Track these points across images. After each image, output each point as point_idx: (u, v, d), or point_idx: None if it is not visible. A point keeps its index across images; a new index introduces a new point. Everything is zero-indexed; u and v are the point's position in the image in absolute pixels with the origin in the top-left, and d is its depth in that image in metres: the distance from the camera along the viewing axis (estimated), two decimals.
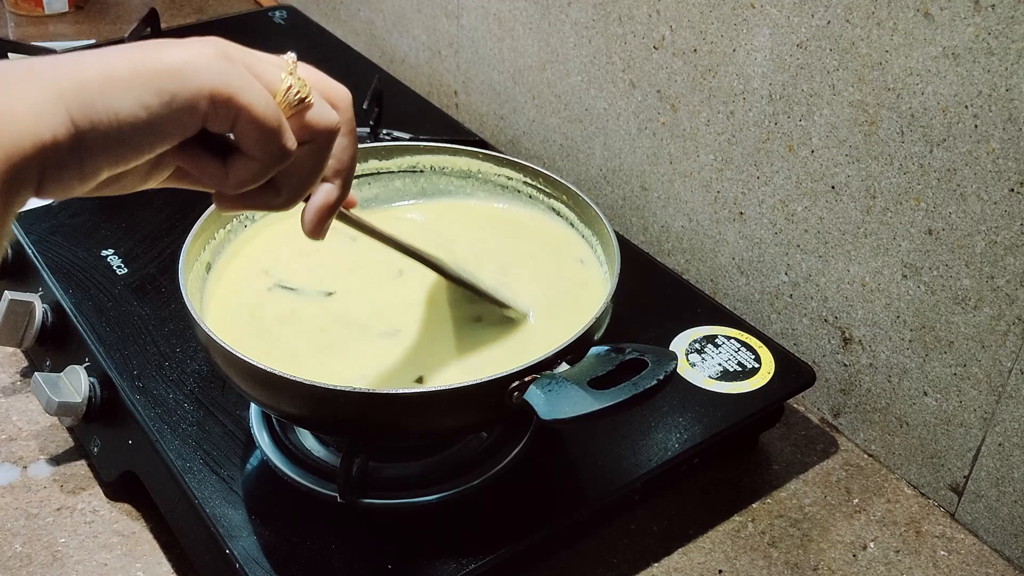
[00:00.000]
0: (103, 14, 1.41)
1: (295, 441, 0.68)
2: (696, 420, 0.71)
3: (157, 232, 0.85)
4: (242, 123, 0.43)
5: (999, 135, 0.63)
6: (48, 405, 0.70)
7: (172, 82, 0.41)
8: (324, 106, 0.47)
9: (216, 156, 0.45)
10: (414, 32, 1.18)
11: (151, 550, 0.68)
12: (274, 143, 0.44)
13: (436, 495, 0.64)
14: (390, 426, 0.59)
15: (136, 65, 0.40)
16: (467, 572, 0.59)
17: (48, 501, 0.71)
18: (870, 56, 0.69)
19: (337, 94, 0.49)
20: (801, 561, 0.69)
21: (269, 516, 0.62)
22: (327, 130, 0.47)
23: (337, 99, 0.49)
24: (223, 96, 0.42)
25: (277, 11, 1.28)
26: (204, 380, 0.72)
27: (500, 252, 0.73)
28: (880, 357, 0.76)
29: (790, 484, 0.75)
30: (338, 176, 0.50)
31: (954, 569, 0.70)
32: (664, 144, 0.88)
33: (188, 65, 0.41)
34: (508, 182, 0.76)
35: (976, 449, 0.71)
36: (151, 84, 0.40)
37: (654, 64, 0.86)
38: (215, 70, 0.42)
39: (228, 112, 0.42)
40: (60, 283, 0.79)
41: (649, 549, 0.70)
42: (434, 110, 1.09)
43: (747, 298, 0.86)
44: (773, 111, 0.77)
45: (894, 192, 0.70)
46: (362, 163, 0.77)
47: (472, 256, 0.72)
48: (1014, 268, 0.65)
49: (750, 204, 0.82)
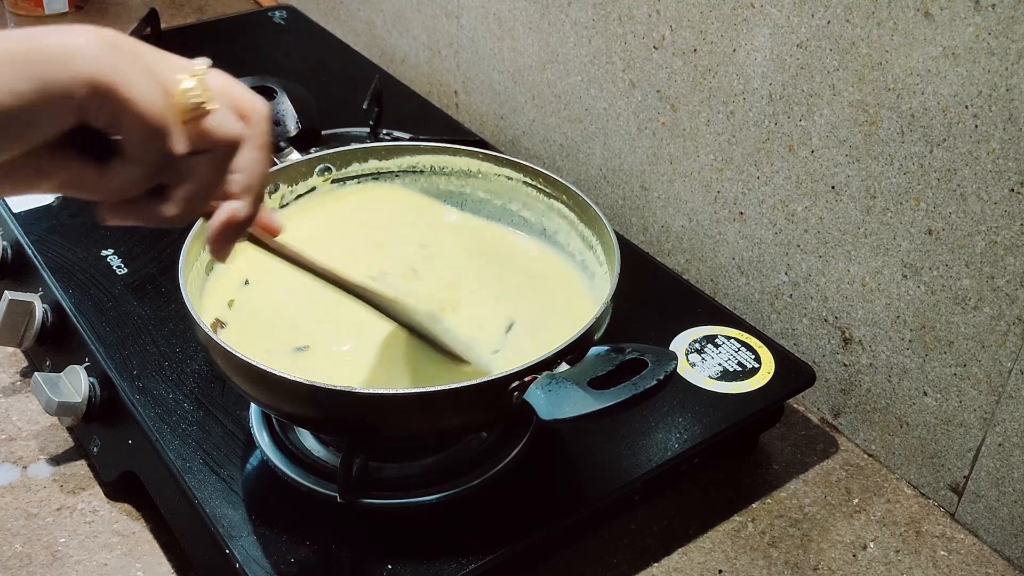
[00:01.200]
0: (103, 14, 1.41)
1: (295, 441, 0.68)
2: (696, 420, 0.71)
3: (157, 232, 0.85)
4: (124, 119, 0.39)
5: (999, 135, 0.63)
6: (48, 405, 0.70)
7: (47, 67, 0.37)
8: (227, 115, 0.44)
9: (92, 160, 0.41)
10: (414, 32, 1.18)
11: (151, 550, 0.68)
12: (157, 145, 0.41)
13: (436, 495, 0.64)
14: (390, 426, 0.59)
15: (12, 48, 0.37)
16: (467, 572, 0.59)
17: (48, 501, 0.71)
18: (870, 56, 0.69)
19: (250, 106, 0.46)
20: (801, 561, 0.69)
21: (269, 516, 0.62)
22: (226, 140, 0.44)
23: (249, 111, 0.46)
24: (103, 86, 0.38)
25: (277, 11, 1.28)
26: (204, 380, 0.72)
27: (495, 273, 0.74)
28: (880, 357, 0.76)
29: (790, 484, 0.75)
30: (247, 193, 0.46)
31: (954, 569, 0.70)
32: (664, 144, 0.88)
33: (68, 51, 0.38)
34: (508, 182, 0.76)
35: (976, 449, 0.71)
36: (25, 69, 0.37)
37: (654, 64, 0.86)
38: (98, 58, 0.38)
39: (108, 104, 0.39)
40: (60, 283, 0.79)
41: (649, 549, 0.70)
42: (434, 110, 1.09)
43: (747, 298, 0.86)
44: (773, 111, 0.77)
45: (894, 192, 0.70)
46: (362, 163, 0.77)
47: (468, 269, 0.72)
48: (1014, 268, 0.65)
49: (750, 204, 0.82)
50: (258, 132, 0.46)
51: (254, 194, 0.47)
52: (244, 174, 0.46)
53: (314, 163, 0.75)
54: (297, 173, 0.75)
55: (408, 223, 0.76)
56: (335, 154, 0.76)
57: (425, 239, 0.75)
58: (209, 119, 0.43)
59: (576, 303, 0.70)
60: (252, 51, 1.21)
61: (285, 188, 0.74)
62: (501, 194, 0.77)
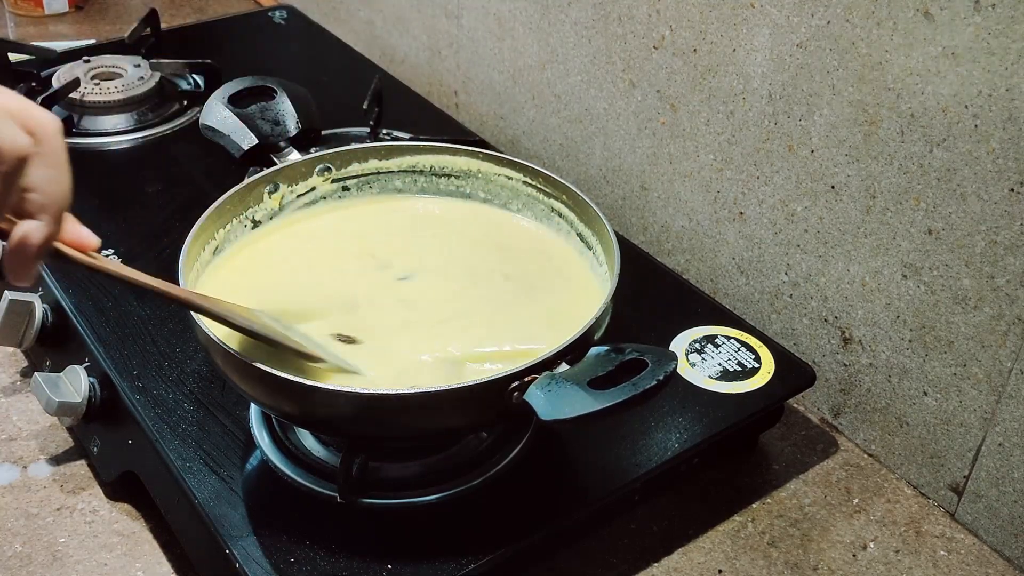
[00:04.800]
0: (103, 14, 1.41)
1: (295, 441, 0.68)
2: (696, 420, 0.71)
3: (157, 232, 0.85)
4: None
5: (999, 135, 0.63)
6: (48, 405, 0.70)
7: None
8: (11, 130, 0.43)
9: None
10: (414, 32, 1.18)
11: (151, 550, 0.68)
12: None
13: (436, 495, 0.64)
14: (390, 426, 0.59)
15: None
16: (467, 572, 0.59)
17: (48, 501, 0.71)
18: (870, 56, 0.69)
19: (38, 122, 0.45)
20: (801, 561, 0.69)
21: (269, 516, 0.62)
22: (9, 154, 0.43)
23: (37, 127, 0.44)
24: None
25: (277, 11, 1.28)
26: (204, 380, 0.72)
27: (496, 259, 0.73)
28: (880, 357, 0.76)
29: (790, 484, 0.75)
30: (44, 212, 0.45)
31: (954, 569, 0.70)
32: (664, 144, 0.88)
33: None
34: (508, 182, 0.76)
35: (976, 449, 0.71)
36: None
37: (654, 64, 0.86)
38: None
39: None
40: (60, 283, 0.79)
41: (649, 549, 0.70)
42: (434, 110, 1.09)
43: (747, 298, 0.86)
44: (773, 111, 0.77)
45: (894, 192, 0.70)
46: (362, 163, 0.77)
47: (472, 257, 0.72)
48: (1014, 268, 0.65)
49: (750, 204, 0.82)
50: (50, 149, 0.45)
51: (52, 213, 0.45)
52: (39, 192, 0.44)
53: (314, 163, 0.75)
54: (297, 173, 0.75)
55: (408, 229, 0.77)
56: (335, 154, 0.76)
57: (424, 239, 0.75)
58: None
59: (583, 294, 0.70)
60: (252, 51, 1.21)
61: (285, 188, 0.74)
62: (501, 194, 0.77)
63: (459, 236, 0.76)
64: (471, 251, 0.74)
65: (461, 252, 0.74)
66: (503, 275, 0.72)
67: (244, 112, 0.80)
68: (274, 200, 0.74)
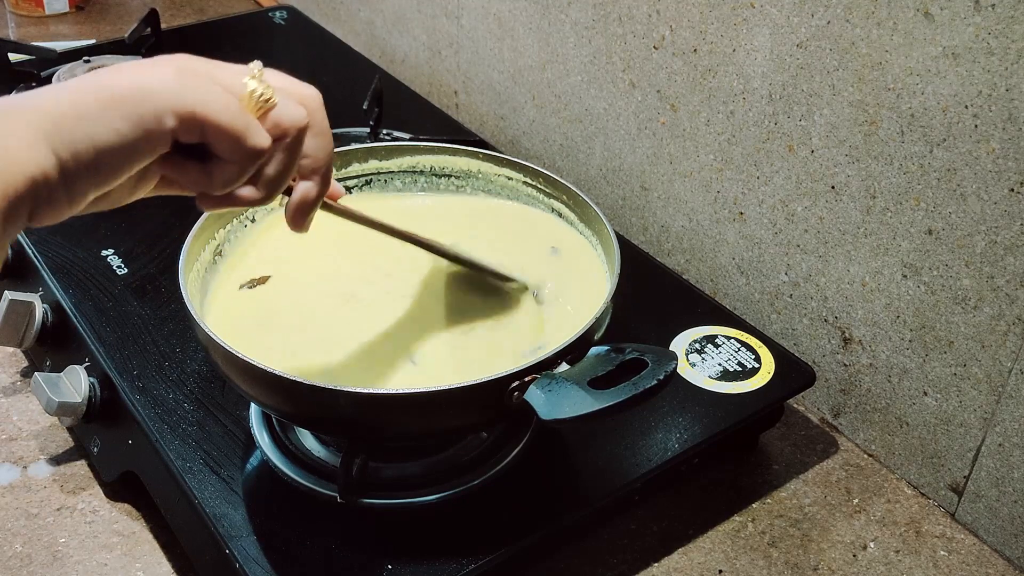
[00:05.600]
0: (103, 14, 1.41)
1: (295, 441, 0.68)
2: (696, 420, 0.71)
3: (157, 232, 0.85)
4: (210, 132, 0.45)
5: (999, 135, 0.63)
6: (48, 405, 0.70)
7: (137, 106, 0.43)
8: (291, 104, 0.49)
9: (197, 161, 0.47)
10: (414, 32, 1.18)
11: (151, 550, 0.68)
12: (244, 145, 0.46)
13: (436, 495, 0.64)
14: (390, 426, 0.59)
15: (102, 94, 0.43)
16: (467, 572, 0.59)
17: (48, 501, 0.71)
18: (870, 56, 0.69)
19: (306, 94, 0.51)
20: (801, 561, 0.69)
21: (269, 516, 0.62)
22: (295, 127, 0.49)
23: (306, 99, 0.50)
24: (186, 111, 0.44)
25: (277, 11, 1.28)
26: (204, 380, 0.72)
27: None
28: (880, 357, 0.76)
29: (790, 484, 0.75)
30: (315, 174, 0.52)
31: (954, 569, 0.70)
32: (664, 144, 0.88)
33: (148, 87, 0.44)
34: (508, 182, 0.76)
35: (976, 449, 0.71)
36: (118, 110, 0.43)
37: (654, 64, 0.86)
38: (173, 88, 0.44)
39: (194, 124, 0.45)
40: (60, 283, 0.79)
41: (649, 549, 0.70)
42: (434, 110, 1.09)
43: (747, 298, 0.86)
44: (773, 111, 0.77)
45: (894, 192, 0.70)
46: (362, 163, 0.77)
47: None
48: (1014, 268, 0.65)
49: (750, 204, 0.82)
50: (317, 119, 0.51)
51: (321, 174, 0.52)
52: (310, 158, 0.51)
53: None
54: None
55: None
56: (335, 154, 0.76)
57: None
58: (276, 111, 0.48)
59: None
60: (252, 51, 1.20)
61: None
62: (501, 194, 0.77)
63: (459, 235, 0.76)
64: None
65: None
66: None
67: None
68: (274, 200, 0.74)
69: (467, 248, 0.69)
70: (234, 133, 0.46)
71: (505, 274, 0.69)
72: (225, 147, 0.46)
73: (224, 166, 0.47)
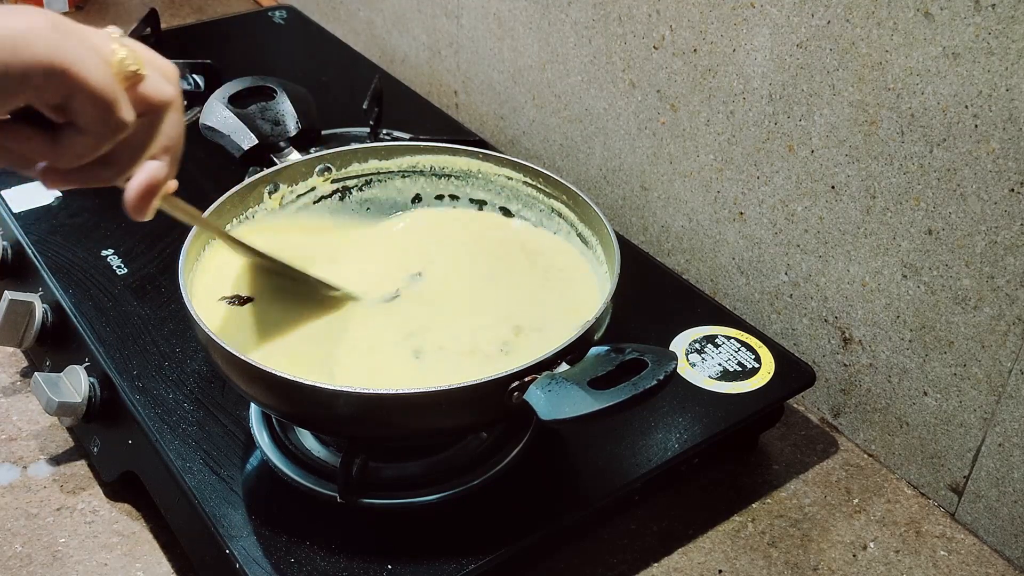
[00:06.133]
0: (103, 14, 1.41)
1: (295, 441, 0.68)
2: (696, 420, 0.71)
3: (157, 232, 0.85)
4: (77, 97, 0.41)
5: (999, 135, 0.63)
6: (48, 405, 0.70)
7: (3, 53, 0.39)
8: (158, 78, 0.45)
9: (42, 131, 0.43)
10: (414, 32, 1.18)
11: (151, 550, 0.68)
12: (111, 117, 0.42)
13: (436, 495, 0.64)
14: (390, 426, 0.59)
15: None
16: (467, 572, 0.59)
17: (48, 501, 0.71)
18: (870, 56, 0.69)
19: (168, 69, 0.47)
20: (801, 561, 0.69)
21: (269, 516, 0.62)
22: (162, 103, 0.45)
23: (167, 73, 0.47)
24: (58, 68, 0.40)
25: (277, 11, 1.28)
26: (204, 380, 0.72)
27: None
28: (880, 357, 0.76)
29: (790, 484, 0.75)
30: (166, 153, 0.48)
31: (954, 569, 0.70)
32: (664, 144, 0.88)
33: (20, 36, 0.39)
34: (508, 182, 0.76)
35: (976, 449, 0.71)
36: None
37: (654, 64, 0.86)
38: (50, 41, 0.39)
39: (62, 85, 0.40)
40: (60, 283, 0.79)
41: (649, 549, 0.70)
42: (434, 110, 1.09)
43: (747, 298, 0.86)
44: (773, 111, 0.77)
45: (894, 192, 0.70)
46: (362, 163, 0.77)
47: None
48: (1014, 268, 0.65)
49: (750, 204, 0.82)
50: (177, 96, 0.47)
51: (172, 154, 0.48)
52: (165, 136, 0.47)
53: (314, 163, 0.75)
54: (297, 173, 0.75)
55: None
56: (335, 154, 0.76)
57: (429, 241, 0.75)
58: (143, 84, 0.44)
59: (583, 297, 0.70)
60: (252, 51, 1.21)
61: (285, 188, 0.74)
62: (501, 194, 0.77)
63: (458, 235, 0.76)
64: (470, 251, 0.74)
65: (461, 252, 0.74)
66: (503, 275, 0.72)
67: (244, 112, 0.80)
68: (274, 200, 0.74)
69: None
70: (105, 100, 0.41)
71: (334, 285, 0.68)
72: (89, 116, 0.42)
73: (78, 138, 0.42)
